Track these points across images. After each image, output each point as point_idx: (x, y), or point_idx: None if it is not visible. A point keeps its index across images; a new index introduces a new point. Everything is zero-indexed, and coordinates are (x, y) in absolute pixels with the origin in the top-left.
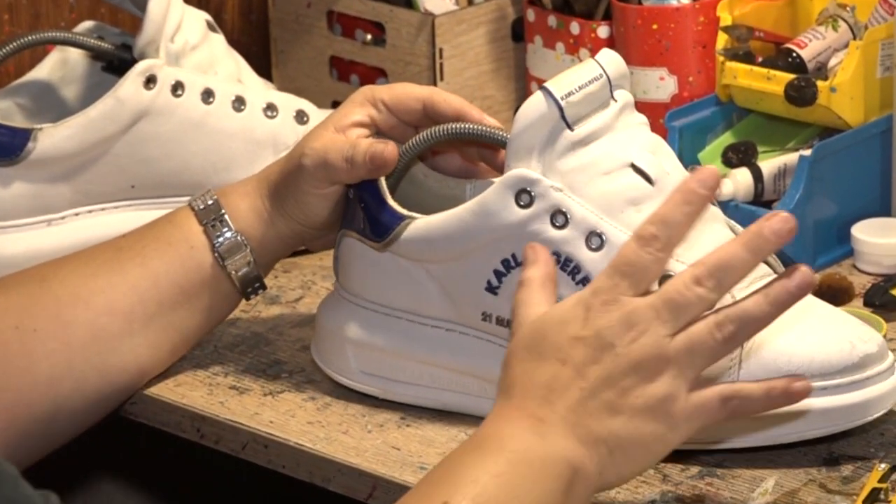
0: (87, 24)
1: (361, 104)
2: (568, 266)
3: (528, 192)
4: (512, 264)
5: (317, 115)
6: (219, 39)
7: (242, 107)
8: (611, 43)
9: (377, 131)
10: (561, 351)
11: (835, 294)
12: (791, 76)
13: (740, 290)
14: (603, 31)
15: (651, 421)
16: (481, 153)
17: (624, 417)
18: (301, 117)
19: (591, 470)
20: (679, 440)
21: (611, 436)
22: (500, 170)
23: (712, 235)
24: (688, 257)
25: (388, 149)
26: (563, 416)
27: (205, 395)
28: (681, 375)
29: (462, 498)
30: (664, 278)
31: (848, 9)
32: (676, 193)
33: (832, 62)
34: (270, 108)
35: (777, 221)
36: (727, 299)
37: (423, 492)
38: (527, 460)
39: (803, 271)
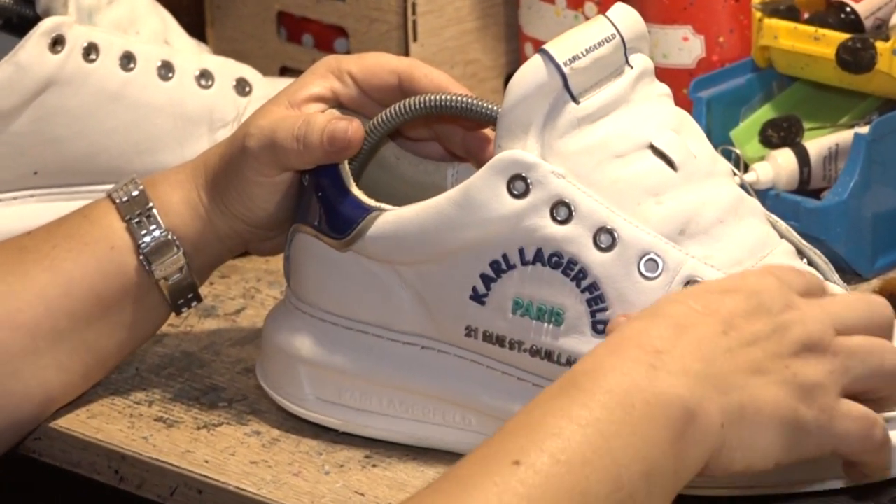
0: None
1: (323, 76)
2: (572, 269)
3: (524, 179)
4: (503, 267)
5: (261, 84)
6: None
7: (170, 74)
8: None
9: (339, 107)
10: (702, 297)
11: None
12: (844, 36)
13: None
14: None
15: (797, 398)
16: (466, 142)
17: (768, 380)
18: (242, 87)
19: (715, 422)
20: (812, 446)
21: (745, 391)
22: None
23: (748, 232)
24: (719, 259)
25: (353, 127)
26: (690, 353)
27: (125, 428)
28: (836, 373)
29: (539, 454)
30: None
31: None
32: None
33: (894, 19)
34: (204, 76)
35: None
36: None
37: (493, 448)
38: (626, 403)
39: None
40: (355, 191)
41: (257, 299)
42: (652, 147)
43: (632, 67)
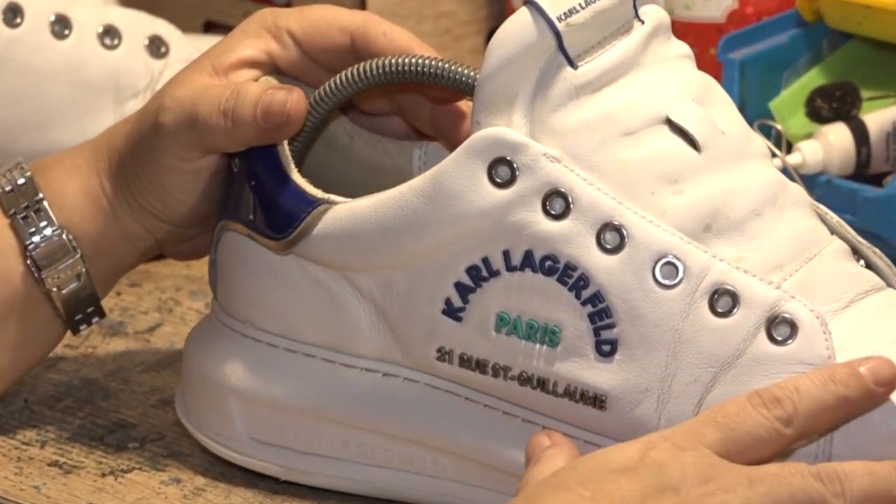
0: None
1: (257, 35)
2: (570, 276)
3: (509, 163)
4: (484, 274)
5: (180, 43)
6: None
7: (67, 31)
8: None
9: (277, 73)
10: (593, 480)
11: None
12: None
13: (835, 313)
14: None
15: None
16: (435, 119)
17: None
18: (156, 47)
19: None
20: None
21: None
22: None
23: (790, 227)
24: (754, 261)
25: (294, 98)
26: None
27: (11, 475)
28: None
29: None
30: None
31: None
32: (831, 370)
33: None
34: (109, 34)
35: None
36: None
37: None
38: None
39: None
40: (298, 178)
41: (176, 313)
42: (669, 122)
43: (643, 22)
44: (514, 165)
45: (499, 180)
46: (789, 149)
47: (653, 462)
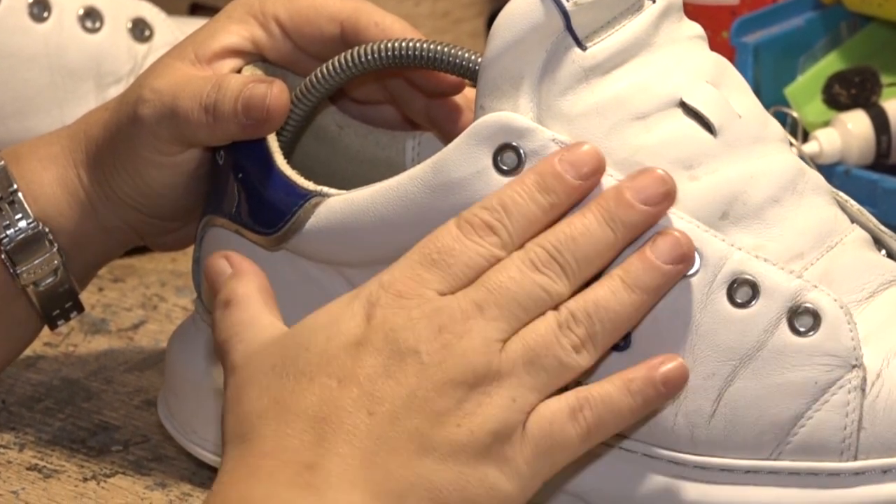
0: None
1: (242, 21)
2: None
3: (515, 150)
4: None
5: (165, 26)
6: None
7: (45, 13)
8: None
9: (264, 62)
10: (333, 364)
11: None
12: None
13: (858, 304)
14: None
15: (479, 462)
16: (430, 112)
17: (438, 456)
18: (140, 30)
19: None
20: (521, 494)
21: (421, 484)
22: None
23: (810, 214)
24: (774, 249)
25: (274, 92)
26: (345, 457)
27: None
28: (519, 397)
29: None
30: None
31: None
32: (531, 174)
33: None
34: (91, 16)
35: (648, 179)
36: None
37: None
38: None
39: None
40: (287, 170)
41: (161, 310)
42: (683, 105)
43: (653, 1)
44: (521, 152)
45: (505, 167)
46: (805, 137)
47: (381, 325)
